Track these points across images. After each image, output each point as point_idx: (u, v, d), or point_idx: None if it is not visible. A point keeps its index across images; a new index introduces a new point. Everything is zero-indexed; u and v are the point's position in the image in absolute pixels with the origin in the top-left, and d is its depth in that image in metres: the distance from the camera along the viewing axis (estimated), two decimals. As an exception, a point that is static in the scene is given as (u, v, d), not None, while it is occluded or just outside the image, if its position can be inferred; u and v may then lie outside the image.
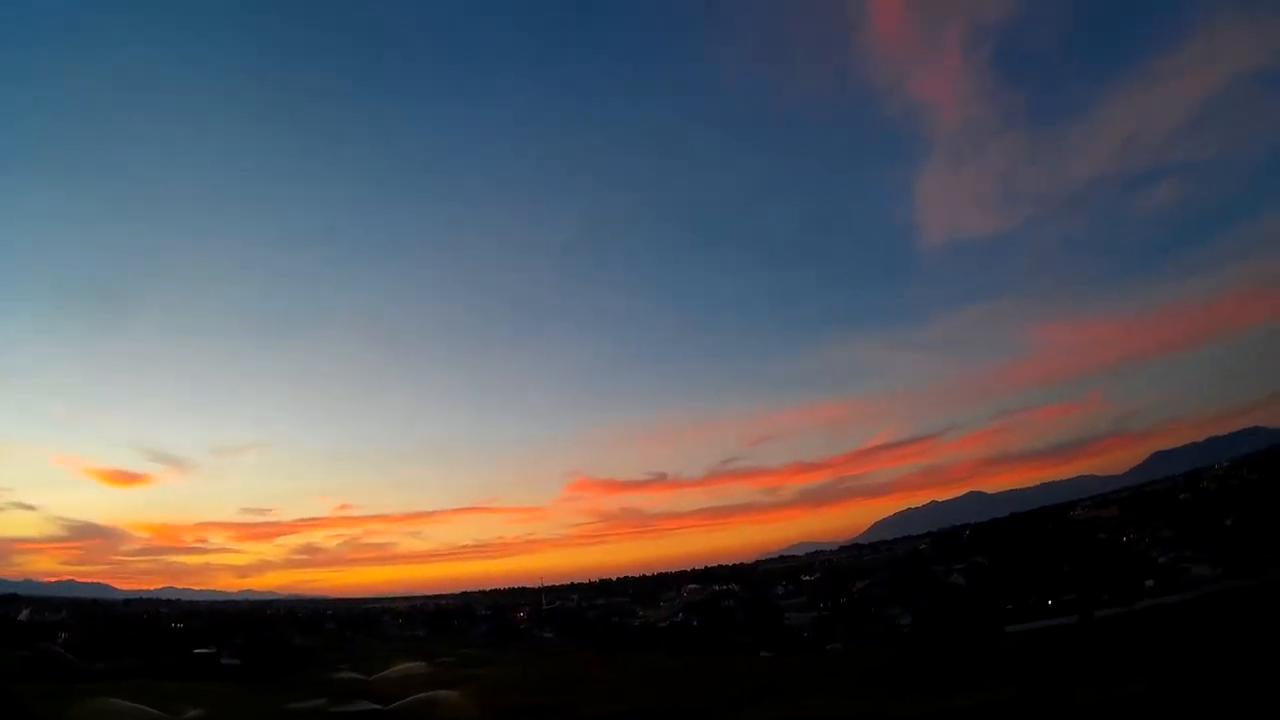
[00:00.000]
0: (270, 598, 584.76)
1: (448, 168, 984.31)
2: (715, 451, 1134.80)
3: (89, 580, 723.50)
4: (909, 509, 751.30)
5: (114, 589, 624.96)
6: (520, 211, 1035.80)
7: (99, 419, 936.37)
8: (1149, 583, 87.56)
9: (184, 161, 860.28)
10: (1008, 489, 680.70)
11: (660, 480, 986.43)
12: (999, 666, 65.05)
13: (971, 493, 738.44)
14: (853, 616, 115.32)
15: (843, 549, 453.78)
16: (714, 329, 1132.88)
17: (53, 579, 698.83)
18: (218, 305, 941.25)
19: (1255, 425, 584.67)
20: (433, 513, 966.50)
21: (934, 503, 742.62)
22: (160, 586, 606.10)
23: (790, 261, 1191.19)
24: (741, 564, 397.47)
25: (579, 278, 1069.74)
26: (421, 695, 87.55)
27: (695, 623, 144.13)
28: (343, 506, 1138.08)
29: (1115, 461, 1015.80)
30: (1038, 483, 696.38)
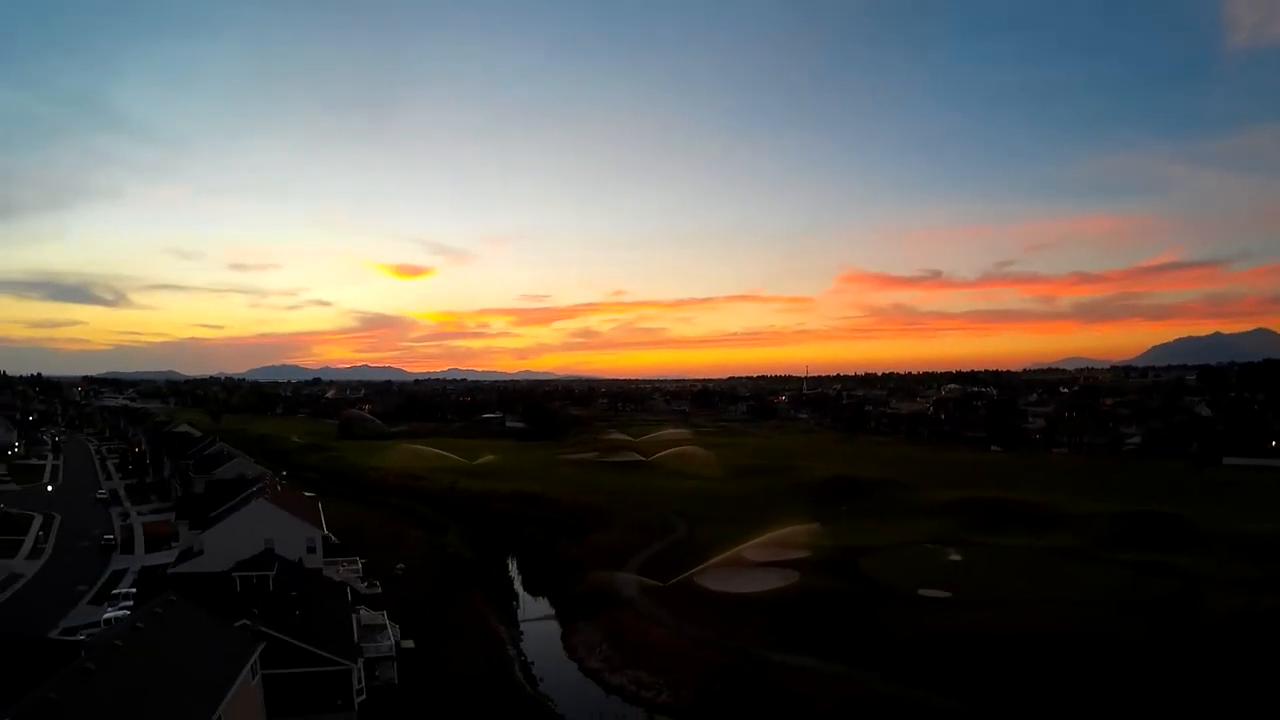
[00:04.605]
0: (548, 377, 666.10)
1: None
2: (990, 254, 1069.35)
3: (380, 365, 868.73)
4: (1191, 337, 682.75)
5: (404, 371, 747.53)
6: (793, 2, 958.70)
7: (379, 220, 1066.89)
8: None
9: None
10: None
11: (933, 278, 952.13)
12: (1178, 488, 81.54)
13: (1260, 329, 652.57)
14: (1088, 428, 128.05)
15: (1113, 368, 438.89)
16: (992, 123, 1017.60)
17: (348, 365, 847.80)
18: (488, 105, 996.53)
19: None
20: (704, 299, 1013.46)
21: (1218, 334, 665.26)
22: (446, 369, 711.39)
23: (1078, 53, 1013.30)
24: (1007, 371, 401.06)
25: (854, 67, 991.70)
26: (675, 450, 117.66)
27: (942, 416, 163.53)
28: (617, 293, 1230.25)
29: None
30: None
